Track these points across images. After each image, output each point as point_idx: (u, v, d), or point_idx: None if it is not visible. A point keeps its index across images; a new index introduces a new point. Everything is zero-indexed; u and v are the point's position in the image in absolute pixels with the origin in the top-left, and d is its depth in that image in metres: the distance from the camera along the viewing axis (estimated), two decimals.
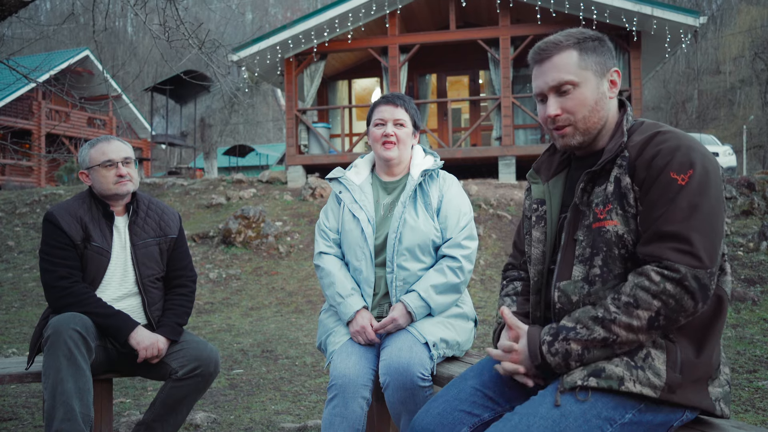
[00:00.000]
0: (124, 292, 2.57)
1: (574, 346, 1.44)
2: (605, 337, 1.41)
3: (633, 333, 1.40)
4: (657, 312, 1.38)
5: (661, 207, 1.41)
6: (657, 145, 1.46)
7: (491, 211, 9.53)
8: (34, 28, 9.92)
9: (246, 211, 9.24)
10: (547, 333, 1.49)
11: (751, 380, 3.92)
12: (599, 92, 1.56)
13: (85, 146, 2.62)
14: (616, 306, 1.42)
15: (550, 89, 1.57)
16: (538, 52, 1.60)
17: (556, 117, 1.56)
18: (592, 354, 1.43)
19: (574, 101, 1.55)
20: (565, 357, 1.44)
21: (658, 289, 1.37)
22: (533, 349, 1.50)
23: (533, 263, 1.69)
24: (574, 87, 1.54)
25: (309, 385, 4.23)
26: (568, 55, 1.55)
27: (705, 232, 1.39)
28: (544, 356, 1.47)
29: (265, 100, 38.27)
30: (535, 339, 1.51)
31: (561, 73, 1.55)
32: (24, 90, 21.73)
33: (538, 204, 1.71)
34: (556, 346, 1.46)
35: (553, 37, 1.59)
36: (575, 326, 1.46)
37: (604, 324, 1.42)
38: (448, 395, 1.65)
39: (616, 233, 1.47)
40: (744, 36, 33.06)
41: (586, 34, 1.58)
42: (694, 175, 1.41)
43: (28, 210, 11.57)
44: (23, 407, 3.79)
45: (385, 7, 12.56)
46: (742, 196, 9.10)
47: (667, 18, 11.41)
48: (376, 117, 2.47)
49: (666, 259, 1.38)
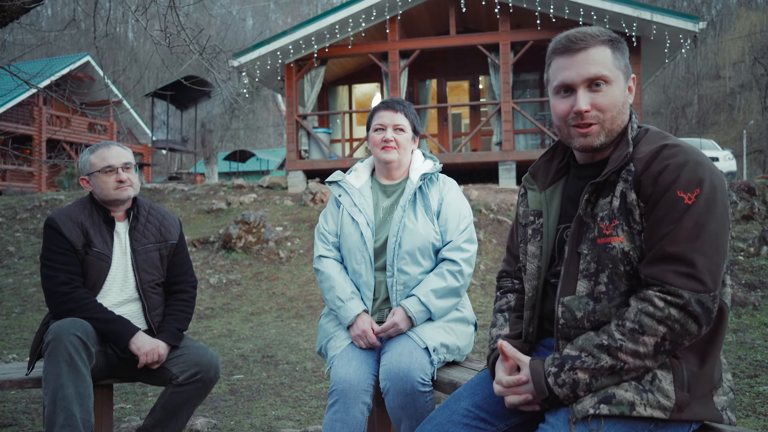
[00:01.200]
0: (124, 297, 2.58)
1: (581, 375, 1.40)
2: (613, 364, 1.39)
3: (640, 359, 1.38)
4: (663, 337, 1.36)
5: (666, 226, 1.38)
6: (664, 159, 1.41)
7: (492, 216, 9.53)
8: (36, 34, 9.95)
9: (246, 217, 9.24)
10: (552, 364, 1.45)
11: (752, 385, 3.91)
12: (625, 95, 1.52)
13: (86, 152, 2.62)
14: (621, 333, 1.39)
15: (584, 81, 1.47)
16: (572, 41, 1.49)
17: (586, 113, 1.47)
18: (600, 382, 1.40)
19: (606, 99, 1.47)
20: (573, 387, 1.41)
21: (663, 315, 1.35)
22: (539, 383, 1.45)
23: (528, 278, 1.65)
24: (606, 84, 1.47)
25: (309, 391, 4.22)
26: (604, 50, 1.48)
27: (709, 253, 1.36)
28: (551, 388, 1.43)
29: (265, 106, 38.34)
30: (539, 372, 1.46)
31: (599, 67, 1.46)
32: (25, 96, 21.78)
33: (535, 216, 1.66)
34: (563, 377, 1.42)
35: (585, 29, 1.51)
36: (580, 354, 1.42)
37: (610, 352, 1.39)
38: (441, 417, 1.62)
39: (622, 250, 1.44)
40: (744, 41, 33.13)
41: (614, 35, 1.52)
42: (701, 194, 1.37)
43: (28, 215, 11.57)
44: (23, 413, 3.78)
45: (386, 12, 12.59)
46: (742, 200, 9.10)
47: (667, 23, 11.43)
48: (375, 122, 2.48)
49: (669, 284, 1.36)
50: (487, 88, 14.76)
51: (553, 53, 1.54)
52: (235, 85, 13.45)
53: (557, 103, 1.53)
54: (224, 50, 6.56)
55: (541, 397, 1.45)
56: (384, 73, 13.06)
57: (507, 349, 1.55)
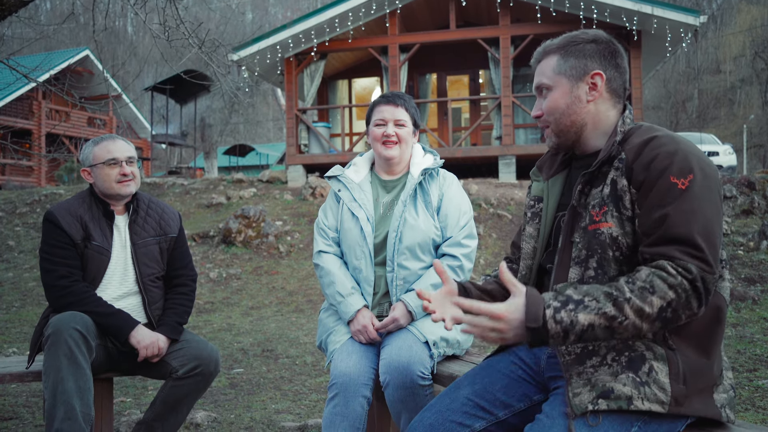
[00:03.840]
0: (124, 291, 2.57)
1: (581, 318, 1.35)
2: (614, 315, 1.34)
3: (641, 319, 1.35)
4: (669, 303, 1.35)
5: (662, 210, 1.39)
6: (654, 148, 1.44)
7: (491, 211, 9.53)
8: (34, 27, 9.92)
9: (246, 211, 9.24)
10: (554, 299, 1.38)
11: (751, 379, 3.92)
12: (572, 96, 1.58)
13: (89, 143, 2.61)
14: (630, 289, 1.36)
15: (535, 90, 1.66)
16: (534, 55, 1.68)
17: (537, 117, 1.65)
18: (593, 333, 1.36)
19: (547, 104, 1.62)
20: (567, 329, 1.35)
21: (676, 281, 1.35)
22: (534, 311, 1.35)
23: (523, 257, 1.71)
24: (548, 90, 1.62)
25: (309, 384, 4.23)
26: (549, 59, 1.62)
27: (708, 237, 1.38)
28: (546, 321, 1.35)
29: (265, 100, 38.29)
30: (537, 301, 1.37)
31: (540, 77, 1.63)
32: (24, 90, 21.72)
33: (536, 201, 1.73)
34: (562, 314, 1.35)
35: (549, 41, 1.65)
36: (583, 298, 1.37)
37: (616, 302, 1.35)
38: (441, 405, 1.64)
39: (611, 235, 1.46)
40: (744, 35, 33.05)
41: (579, 38, 1.60)
42: (694, 180, 1.39)
43: (28, 210, 11.57)
44: (24, 406, 3.79)
45: (385, 6, 12.55)
46: (742, 195, 9.10)
47: (668, 17, 11.40)
48: (376, 117, 2.46)
49: (679, 259, 1.36)
50: (487, 83, 14.73)
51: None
52: (235, 80, 13.43)
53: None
54: (223, 44, 6.55)
55: (530, 325, 1.35)
56: (384, 68, 13.03)
57: (504, 271, 1.44)
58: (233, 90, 7.63)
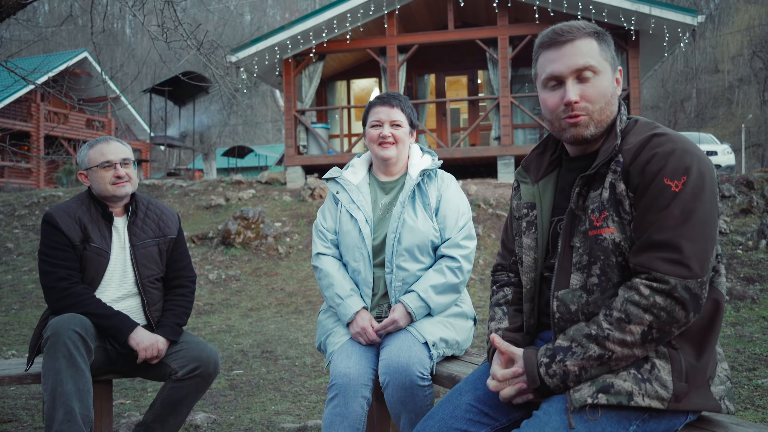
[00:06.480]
0: (123, 292, 2.57)
1: (571, 366, 1.41)
2: (600, 354, 1.39)
3: (628, 348, 1.38)
4: (649, 326, 1.36)
5: (653, 214, 1.38)
6: (652, 149, 1.42)
7: (490, 211, 9.54)
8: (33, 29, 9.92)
9: (245, 212, 9.24)
10: (544, 354, 1.46)
11: (750, 378, 3.92)
12: (613, 86, 1.52)
13: (84, 147, 2.62)
14: (608, 322, 1.39)
15: (572, 72, 1.49)
16: (559, 33, 1.51)
17: (576, 104, 1.48)
18: (589, 373, 1.41)
19: (594, 89, 1.48)
20: (563, 378, 1.42)
21: (648, 303, 1.35)
22: (531, 372, 1.47)
23: (525, 271, 1.66)
24: (594, 75, 1.49)
25: (309, 386, 4.23)
26: (590, 41, 1.50)
27: (696, 239, 1.36)
28: (542, 378, 1.45)
29: (263, 101, 38.26)
30: (532, 362, 1.47)
31: (586, 57, 1.48)
32: (22, 92, 21.74)
33: (528, 208, 1.66)
34: (553, 368, 1.43)
35: (571, 22, 1.53)
36: (570, 345, 1.43)
37: (598, 341, 1.40)
38: (444, 412, 1.62)
39: (613, 241, 1.44)
40: (742, 35, 33.07)
41: (599, 28, 1.54)
42: (688, 181, 1.37)
43: (27, 212, 11.56)
44: (23, 409, 3.78)
45: (384, 7, 12.56)
46: (740, 194, 9.11)
47: (666, 17, 11.41)
48: (372, 118, 2.46)
49: (655, 270, 1.36)
50: (485, 83, 14.74)
51: (540, 47, 1.55)
52: (233, 81, 13.42)
53: (547, 96, 1.54)
54: (222, 46, 6.55)
55: (533, 387, 1.47)
56: (382, 68, 13.04)
57: (499, 343, 1.56)
58: (232, 91, 7.63)
